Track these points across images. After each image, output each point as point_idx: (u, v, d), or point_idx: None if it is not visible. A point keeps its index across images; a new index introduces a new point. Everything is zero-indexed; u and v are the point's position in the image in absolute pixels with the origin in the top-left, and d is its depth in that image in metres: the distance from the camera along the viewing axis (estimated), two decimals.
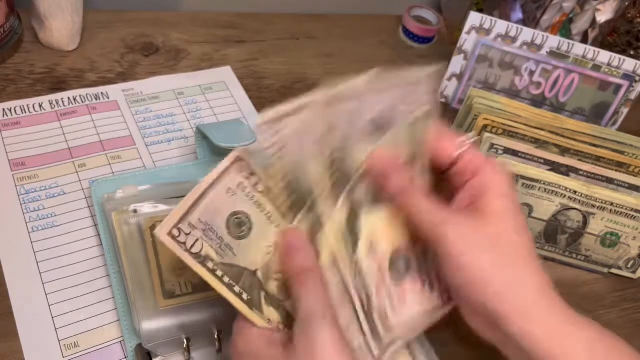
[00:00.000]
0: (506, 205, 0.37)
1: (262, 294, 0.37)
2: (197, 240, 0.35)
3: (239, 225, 0.37)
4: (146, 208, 0.46)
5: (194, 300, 0.44)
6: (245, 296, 0.36)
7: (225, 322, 0.43)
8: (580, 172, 0.56)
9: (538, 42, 0.66)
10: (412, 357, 0.46)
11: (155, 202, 0.46)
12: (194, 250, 0.35)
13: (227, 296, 0.36)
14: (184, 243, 0.35)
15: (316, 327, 0.33)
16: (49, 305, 0.44)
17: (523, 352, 0.35)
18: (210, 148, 0.54)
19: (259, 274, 0.37)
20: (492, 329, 0.37)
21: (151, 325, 0.42)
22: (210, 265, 0.36)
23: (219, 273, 0.36)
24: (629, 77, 0.66)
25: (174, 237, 0.35)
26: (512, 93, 0.69)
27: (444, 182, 0.41)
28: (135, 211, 0.46)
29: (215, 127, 0.56)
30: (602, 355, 0.35)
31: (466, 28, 0.66)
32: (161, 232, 0.35)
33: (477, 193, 0.38)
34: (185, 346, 0.43)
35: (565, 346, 0.34)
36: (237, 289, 0.36)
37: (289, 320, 0.37)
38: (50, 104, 0.58)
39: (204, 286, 0.36)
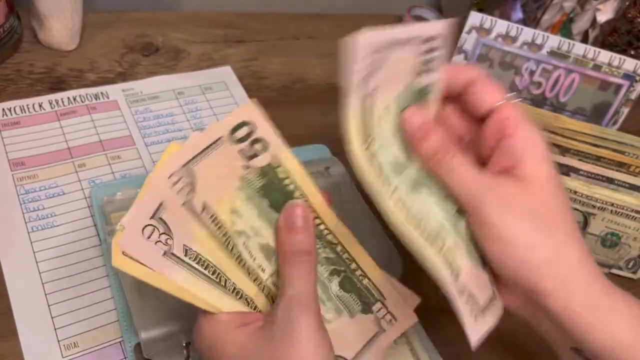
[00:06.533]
0: (547, 171, 0.35)
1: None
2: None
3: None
4: None
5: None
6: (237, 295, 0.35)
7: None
8: (581, 172, 0.56)
9: (538, 41, 0.66)
10: (414, 357, 0.46)
11: None
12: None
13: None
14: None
15: (301, 314, 0.33)
16: (49, 305, 0.44)
17: (561, 328, 0.34)
18: None
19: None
20: (529, 305, 0.35)
21: (150, 334, 0.41)
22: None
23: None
24: (630, 77, 0.66)
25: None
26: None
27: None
28: None
29: None
30: None
31: (466, 28, 0.66)
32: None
33: (515, 156, 0.34)
34: (185, 351, 0.42)
35: (608, 321, 0.33)
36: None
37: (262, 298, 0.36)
38: (50, 103, 0.58)
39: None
